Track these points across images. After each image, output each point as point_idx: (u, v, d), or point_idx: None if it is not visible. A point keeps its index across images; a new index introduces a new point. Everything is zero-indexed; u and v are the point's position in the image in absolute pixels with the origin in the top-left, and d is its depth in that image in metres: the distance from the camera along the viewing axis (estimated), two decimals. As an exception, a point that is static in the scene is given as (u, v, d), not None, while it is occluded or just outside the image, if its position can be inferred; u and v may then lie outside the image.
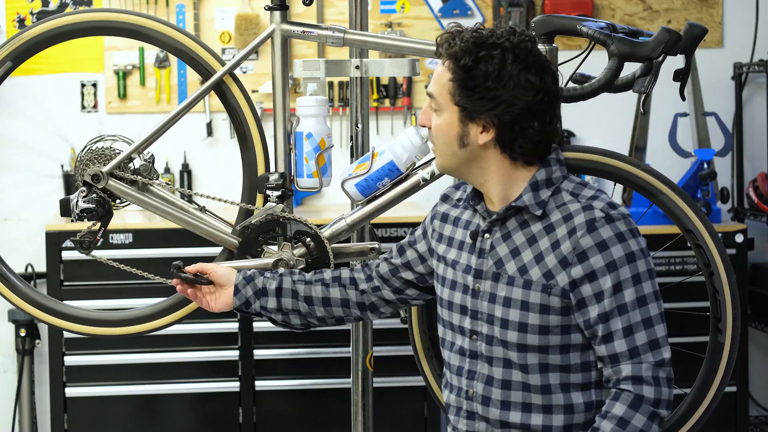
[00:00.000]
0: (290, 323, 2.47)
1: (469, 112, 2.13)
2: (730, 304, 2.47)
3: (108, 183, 2.57)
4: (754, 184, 4.62)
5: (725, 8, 4.81)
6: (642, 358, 2.10)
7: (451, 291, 2.26)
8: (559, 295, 2.12)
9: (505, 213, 2.18)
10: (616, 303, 2.10)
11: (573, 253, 2.11)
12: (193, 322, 3.92)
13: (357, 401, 2.88)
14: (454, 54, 2.13)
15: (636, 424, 2.08)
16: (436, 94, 2.17)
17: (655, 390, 2.09)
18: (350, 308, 2.46)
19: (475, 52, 2.11)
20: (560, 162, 2.22)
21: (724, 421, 4.28)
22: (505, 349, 2.17)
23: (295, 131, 2.64)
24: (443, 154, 2.21)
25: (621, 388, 2.10)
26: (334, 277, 2.46)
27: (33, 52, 2.59)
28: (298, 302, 2.44)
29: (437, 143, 2.21)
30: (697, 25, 2.35)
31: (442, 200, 2.39)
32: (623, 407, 2.09)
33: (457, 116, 2.15)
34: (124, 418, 4.20)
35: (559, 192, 2.18)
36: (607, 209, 2.13)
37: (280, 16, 2.62)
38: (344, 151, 3.49)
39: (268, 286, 2.43)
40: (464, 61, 2.11)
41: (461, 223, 2.29)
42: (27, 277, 4.50)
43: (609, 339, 2.11)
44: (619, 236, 2.12)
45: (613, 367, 2.12)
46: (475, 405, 2.21)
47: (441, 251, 2.32)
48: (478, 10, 4.70)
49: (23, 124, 4.60)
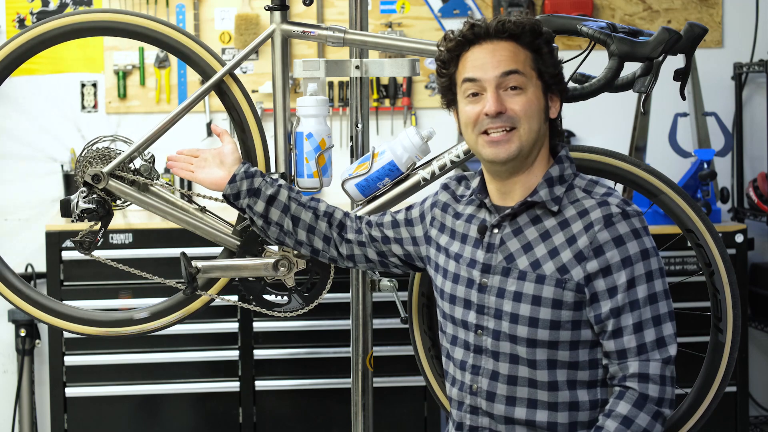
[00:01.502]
0: (266, 232, 2.47)
1: (550, 84, 2.20)
2: (730, 304, 2.47)
3: (108, 183, 2.57)
4: (754, 184, 4.62)
5: (725, 8, 4.80)
6: (649, 355, 2.11)
7: (453, 284, 2.26)
8: (574, 289, 2.13)
9: (518, 208, 2.19)
10: (629, 299, 2.12)
11: (589, 248, 2.12)
12: (193, 322, 3.91)
13: (357, 401, 2.88)
14: (531, 28, 2.18)
15: (640, 423, 2.09)
16: (522, 69, 2.17)
17: (660, 389, 2.10)
18: (329, 246, 2.47)
19: (543, 30, 2.20)
20: (570, 159, 2.24)
21: (724, 421, 4.28)
22: (513, 344, 2.17)
23: (296, 131, 2.64)
24: (530, 131, 2.18)
25: (626, 385, 2.11)
26: (326, 212, 2.46)
27: (33, 52, 2.59)
28: (285, 217, 2.44)
29: (526, 120, 2.17)
30: (697, 24, 2.35)
31: (443, 188, 2.39)
32: (628, 406, 2.10)
33: (541, 89, 2.19)
34: (124, 418, 4.20)
35: (572, 188, 2.20)
36: (622, 206, 2.16)
37: (280, 16, 2.62)
38: (344, 151, 3.50)
39: (264, 190, 2.43)
40: (546, 35, 2.20)
41: (464, 217, 2.30)
42: (27, 277, 4.50)
43: (618, 334, 2.12)
44: (635, 232, 2.14)
45: (620, 363, 2.13)
46: (479, 400, 2.21)
47: (443, 242, 2.32)
48: (478, 10, 4.70)
49: (23, 124, 4.60)
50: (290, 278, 2.60)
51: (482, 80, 2.17)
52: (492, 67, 2.16)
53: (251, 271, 2.59)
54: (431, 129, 2.59)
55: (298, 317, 2.66)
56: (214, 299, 2.67)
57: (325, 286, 2.60)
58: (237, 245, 2.60)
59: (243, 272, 2.60)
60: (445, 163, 2.58)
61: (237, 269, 2.59)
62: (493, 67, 2.16)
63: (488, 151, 2.18)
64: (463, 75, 2.20)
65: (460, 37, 2.20)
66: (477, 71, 2.17)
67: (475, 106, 2.18)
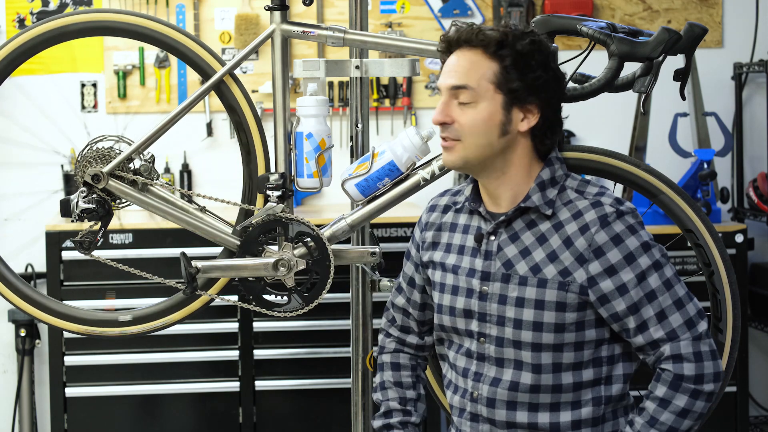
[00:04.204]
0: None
1: (517, 97, 2.14)
2: (730, 304, 2.47)
3: (108, 183, 2.57)
4: (754, 184, 4.62)
5: (725, 8, 4.81)
6: (681, 337, 2.13)
7: (453, 296, 2.26)
8: (577, 291, 2.14)
9: (512, 214, 2.19)
10: (643, 292, 2.13)
11: (589, 250, 2.13)
12: (193, 322, 3.91)
13: (357, 401, 2.88)
14: (499, 40, 2.13)
15: (678, 403, 2.11)
16: (472, 84, 2.15)
17: (696, 366, 2.11)
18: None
19: (525, 38, 2.14)
20: (560, 160, 2.24)
21: (724, 421, 4.28)
22: (517, 349, 2.17)
23: (295, 131, 2.64)
24: (475, 146, 2.16)
25: (662, 367, 2.13)
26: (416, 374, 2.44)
27: (33, 52, 2.59)
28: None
29: (470, 134, 2.16)
30: (697, 24, 2.35)
31: (429, 210, 2.38)
32: (664, 388, 2.12)
33: (500, 103, 2.15)
34: (124, 418, 4.20)
35: (564, 190, 2.20)
36: (615, 205, 2.17)
37: (280, 16, 2.62)
38: (344, 151, 3.49)
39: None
40: (519, 46, 2.13)
41: (458, 228, 2.29)
42: (27, 277, 4.50)
43: (644, 328, 2.13)
44: (631, 228, 2.15)
45: (655, 352, 2.14)
46: (479, 407, 2.21)
47: (438, 258, 2.31)
48: (478, 10, 4.70)
49: (23, 125, 4.60)
50: (290, 278, 2.60)
51: (440, 87, 2.20)
52: (448, 77, 2.18)
53: (251, 271, 2.59)
54: (431, 129, 2.59)
55: (298, 317, 2.66)
56: (214, 299, 2.67)
57: (324, 286, 2.60)
58: (237, 245, 2.60)
59: (243, 272, 2.59)
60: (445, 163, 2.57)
61: (237, 269, 2.59)
62: (449, 77, 2.17)
63: (442, 156, 2.24)
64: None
65: (441, 41, 2.23)
66: (442, 78, 2.20)
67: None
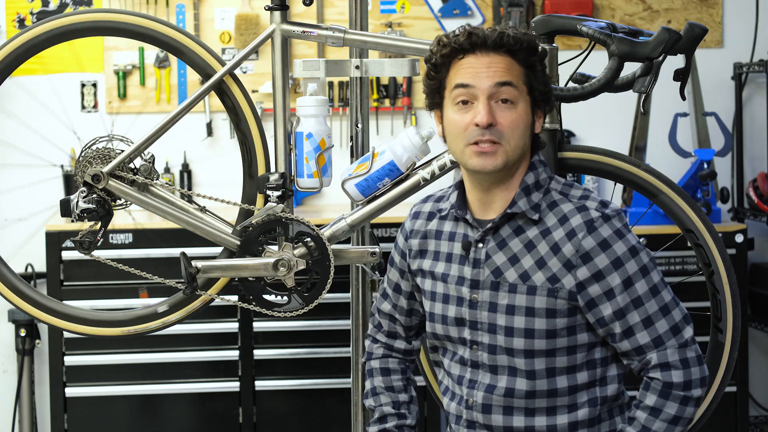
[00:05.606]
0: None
1: (539, 101, 2.18)
2: (730, 304, 2.47)
3: (108, 183, 2.57)
4: (754, 184, 4.62)
5: (725, 8, 4.80)
6: (666, 344, 2.12)
7: (444, 305, 2.25)
8: (566, 297, 2.13)
9: (499, 221, 2.18)
10: (630, 297, 2.12)
11: (576, 255, 2.12)
12: (193, 322, 3.91)
13: (357, 401, 2.88)
14: (529, 46, 2.15)
15: (669, 411, 2.11)
16: (516, 82, 2.15)
17: (683, 373, 2.12)
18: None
19: (535, 41, 2.17)
20: (543, 163, 2.23)
21: (724, 421, 4.28)
22: (510, 356, 2.17)
23: (295, 131, 2.64)
24: (515, 148, 2.15)
25: (650, 376, 2.13)
26: (406, 377, 2.43)
27: (33, 52, 2.60)
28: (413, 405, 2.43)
29: (513, 136, 2.15)
30: (697, 24, 2.35)
31: (413, 218, 2.35)
32: (654, 397, 2.12)
33: (530, 105, 2.17)
34: (124, 418, 4.20)
35: (548, 192, 2.19)
36: (601, 208, 2.15)
37: (280, 16, 2.62)
38: (344, 151, 3.50)
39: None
40: (539, 49, 2.17)
41: (444, 235, 2.28)
42: (27, 277, 4.50)
43: (630, 333, 2.13)
44: (618, 233, 2.14)
45: (641, 358, 2.14)
46: (474, 414, 2.21)
47: (426, 266, 2.30)
48: (478, 10, 4.70)
49: (23, 124, 4.60)
50: (290, 278, 2.60)
51: (476, 87, 2.13)
52: (487, 77, 2.13)
53: (251, 271, 2.59)
54: (431, 129, 2.59)
55: (298, 317, 2.66)
56: (214, 299, 2.67)
57: (324, 286, 2.60)
58: (237, 245, 2.60)
59: (243, 272, 2.60)
60: (445, 163, 2.58)
61: (237, 269, 2.59)
62: (488, 76, 2.13)
63: (475, 162, 2.15)
64: (455, 80, 2.16)
65: (456, 44, 2.16)
66: (471, 78, 2.14)
67: (465, 115, 2.15)
